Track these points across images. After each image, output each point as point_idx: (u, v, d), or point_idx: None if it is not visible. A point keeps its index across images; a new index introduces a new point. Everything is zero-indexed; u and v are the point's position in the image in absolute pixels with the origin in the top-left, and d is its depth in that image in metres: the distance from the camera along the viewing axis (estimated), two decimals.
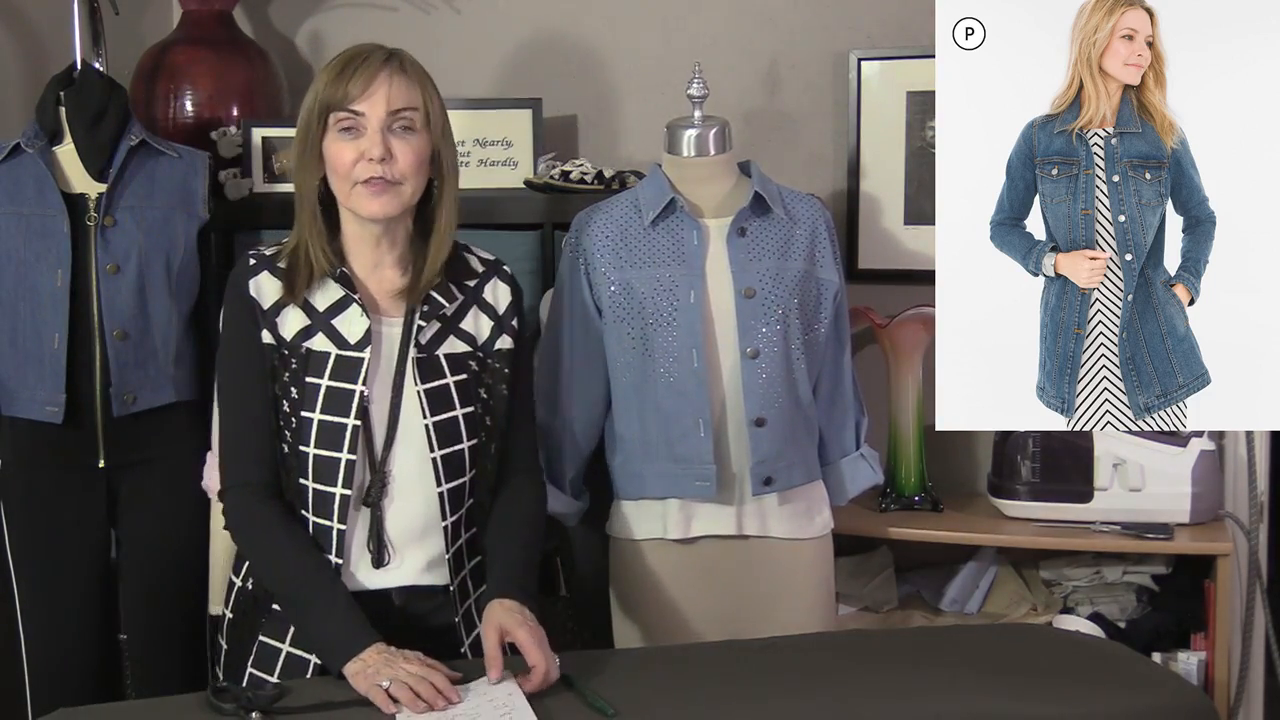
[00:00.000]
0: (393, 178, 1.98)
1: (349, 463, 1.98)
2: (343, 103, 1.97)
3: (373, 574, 2.01)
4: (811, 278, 2.47)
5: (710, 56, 2.93)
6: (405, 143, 1.99)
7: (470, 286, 2.11)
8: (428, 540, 2.04)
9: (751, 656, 2.04)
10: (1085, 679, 1.94)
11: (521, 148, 3.08)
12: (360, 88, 1.97)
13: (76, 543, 2.56)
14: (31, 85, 2.80)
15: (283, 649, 2.01)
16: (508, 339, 2.12)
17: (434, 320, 2.06)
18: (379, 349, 2.02)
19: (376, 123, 1.97)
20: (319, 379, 1.99)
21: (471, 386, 2.07)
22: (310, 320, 2.01)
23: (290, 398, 2.00)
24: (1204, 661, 2.77)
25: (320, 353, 2.00)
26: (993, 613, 3.00)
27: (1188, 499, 2.83)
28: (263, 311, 2.01)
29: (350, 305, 2.02)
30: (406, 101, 1.99)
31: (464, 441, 2.04)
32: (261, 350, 2.01)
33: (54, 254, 2.49)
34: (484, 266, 2.15)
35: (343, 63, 1.99)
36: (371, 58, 1.99)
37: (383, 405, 2.01)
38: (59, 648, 2.57)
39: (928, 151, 3.02)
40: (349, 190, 2.00)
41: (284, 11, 3.39)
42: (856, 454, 2.60)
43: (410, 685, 1.80)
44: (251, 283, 2.03)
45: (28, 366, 2.50)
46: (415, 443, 2.01)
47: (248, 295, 2.02)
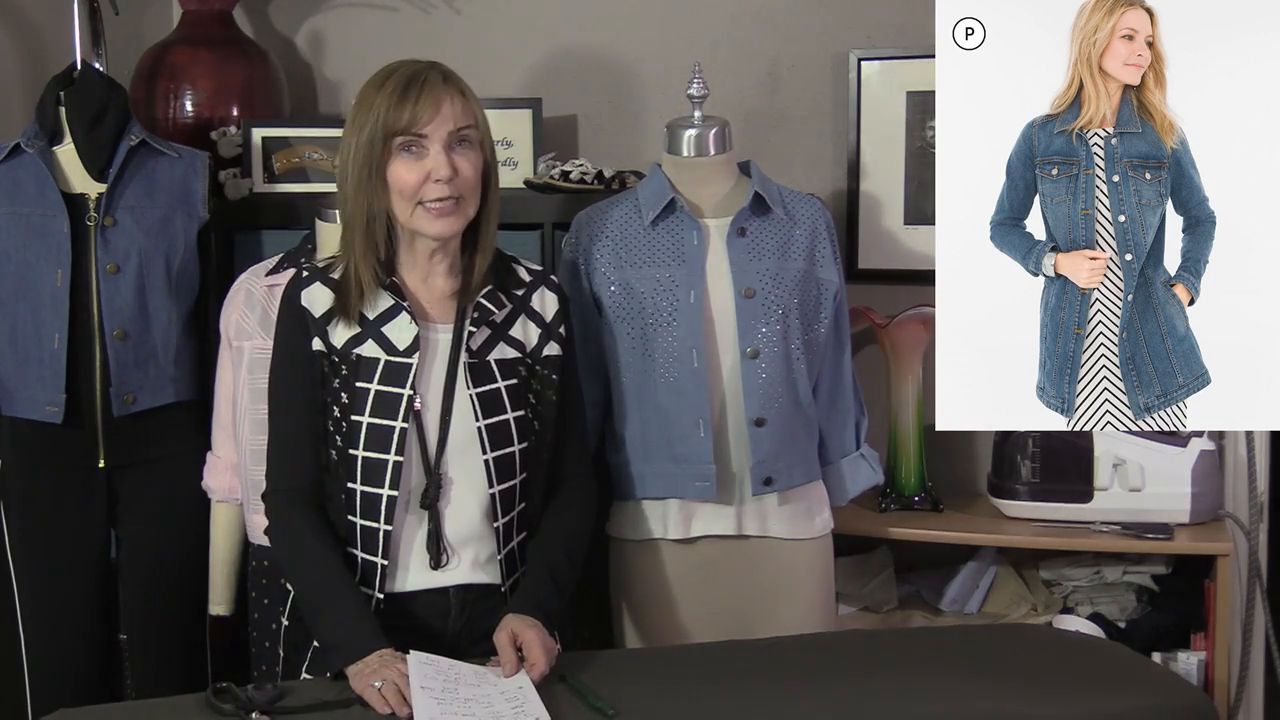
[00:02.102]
0: (458, 194, 2.02)
1: (396, 464, 2.01)
2: (409, 127, 2.00)
3: (430, 574, 2.05)
4: (811, 278, 2.47)
5: (710, 56, 2.94)
6: (466, 159, 2.03)
7: (519, 295, 2.16)
8: (482, 541, 2.08)
9: (751, 656, 2.04)
10: (1085, 679, 1.94)
11: (521, 148, 3.08)
12: (426, 110, 2.00)
13: (76, 543, 2.56)
14: (31, 85, 2.80)
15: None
16: (555, 346, 2.17)
17: (484, 326, 2.10)
18: (429, 354, 2.06)
19: (440, 143, 2.01)
20: (369, 383, 2.03)
21: (521, 391, 2.11)
22: (361, 328, 2.05)
23: (341, 403, 2.03)
24: (1204, 661, 2.77)
25: (370, 359, 2.04)
26: (993, 613, 3.00)
27: (1188, 499, 2.83)
28: (314, 320, 2.05)
29: (400, 313, 2.06)
30: (467, 120, 2.03)
31: (515, 444, 2.08)
32: (310, 358, 2.04)
33: (54, 254, 2.49)
34: (531, 276, 2.20)
35: (402, 85, 2.01)
36: (430, 78, 2.02)
37: (434, 409, 2.05)
38: (59, 648, 2.57)
39: (928, 151, 3.02)
40: (411, 210, 2.03)
41: (284, 11, 3.38)
42: (856, 454, 2.60)
43: (401, 688, 1.82)
44: (304, 293, 2.07)
45: (28, 366, 2.50)
46: (469, 445, 2.05)
47: (299, 305, 2.06)
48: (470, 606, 2.07)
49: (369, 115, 2.01)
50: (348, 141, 2.04)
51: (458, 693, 1.81)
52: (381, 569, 2.03)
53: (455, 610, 2.06)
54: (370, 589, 2.03)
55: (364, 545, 2.04)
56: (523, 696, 1.80)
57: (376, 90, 2.02)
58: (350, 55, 3.35)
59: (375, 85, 2.03)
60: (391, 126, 2.00)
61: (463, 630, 2.06)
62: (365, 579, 2.03)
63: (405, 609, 2.03)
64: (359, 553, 2.04)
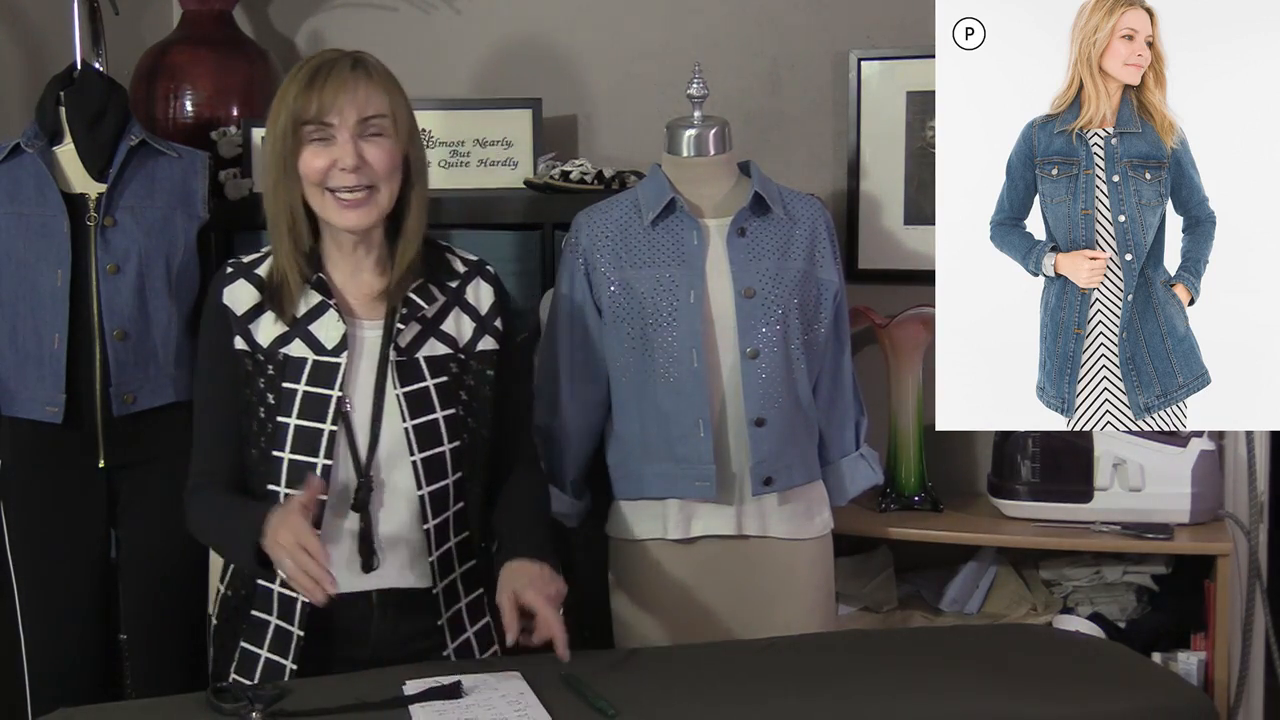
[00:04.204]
0: (367, 183, 1.97)
1: (325, 468, 1.97)
2: (317, 115, 1.96)
3: (357, 577, 2.01)
4: (811, 278, 2.47)
5: (710, 56, 2.93)
6: (377, 148, 1.98)
7: (452, 288, 2.10)
8: (412, 543, 2.03)
9: (751, 656, 2.04)
10: (1085, 679, 1.94)
11: (521, 148, 3.08)
12: (330, 97, 1.95)
13: (76, 543, 2.56)
14: (31, 85, 2.80)
15: (261, 655, 2.02)
16: (491, 340, 2.11)
17: (413, 322, 2.05)
18: (357, 353, 2.02)
19: (348, 131, 1.96)
20: (295, 384, 1.99)
21: (452, 388, 2.06)
22: (287, 327, 2.01)
23: (266, 403, 1.99)
24: (1204, 661, 2.77)
25: (297, 358, 2.00)
26: (993, 613, 3.00)
27: (1188, 499, 2.83)
28: (236, 318, 2.02)
29: (327, 311, 2.02)
30: (376, 108, 1.98)
31: (445, 444, 2.04)
32: (233, 357, 2.00)
33: (54, 254, 2.49)
34: (466, 267, 2.13)
35: (310, 74, 1.97)
36: (338, 66, 1.98)
37: (364, 410, 2.01)
38: (59, 648, 2.57)
39: (928, 151, 3.02)
40: (323, 200, 1.99)
41: (284, 11, 3.39)
42: (856, 454, 2.60)
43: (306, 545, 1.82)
44: (226, 290, 2.03)
45: (28, 366, 2.50)
46: (398, 446, 2.01)
47: (221, 303, 2.03)
48: (394, 610, 2.03)
49: (280, 106, 1.98)
50: (265, 136, 2.01)
51: (460, 701, 1.81)
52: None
53: (378, 614, 2.02)
54: (296, 590, 1.97)
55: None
56: (524, 702, 1.80)
57: (289, 81, 1.99)
58: None
59: (289, 77, 2.00)
60: (299, 115, 1.96)
61: (387, 634, 2.02)
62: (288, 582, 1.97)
63: (328, 612, 1.97)
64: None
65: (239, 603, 2.06)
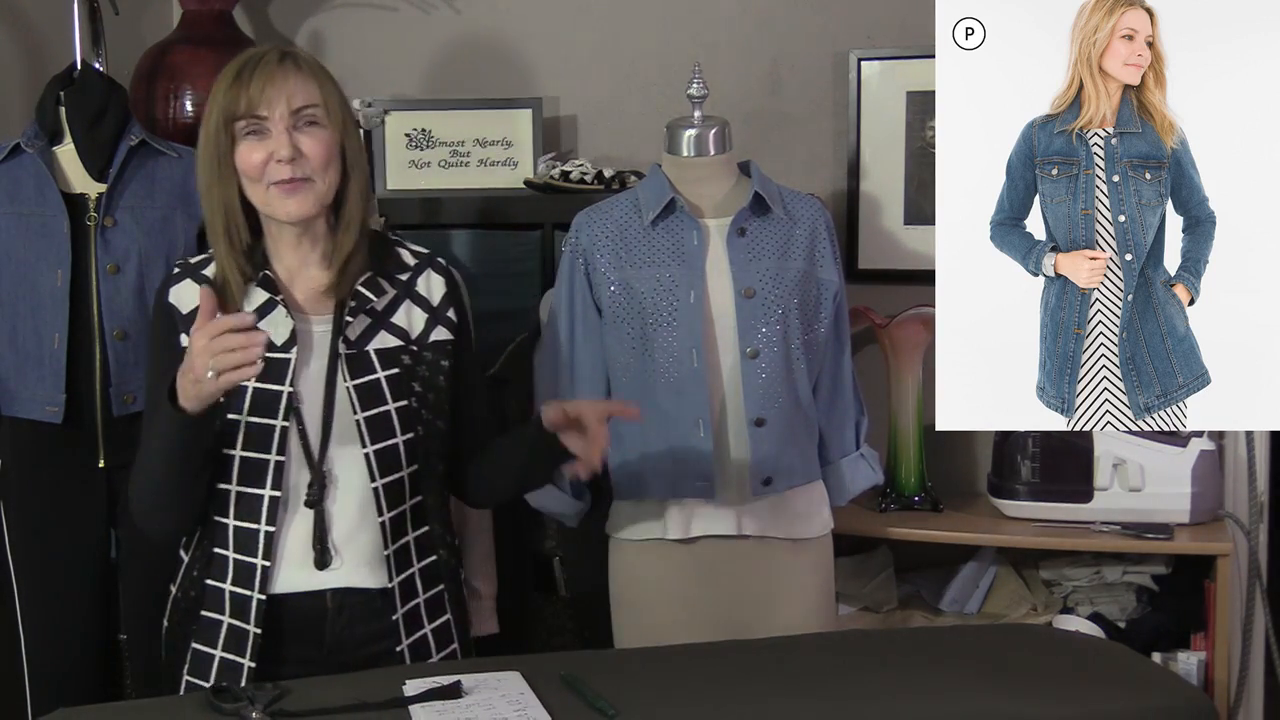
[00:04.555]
0: (304, 175, 1.96)
1: (278, 464, 1.97)
2: (248, 110, 1.95)
3: (312, 575, 2.00)
4: (811, 278, 2.47)
5: (710, 56, 2.94)
6: (312, 138, 1.97)
7: (402, 280, 2.09)
8: (366, 538, 2.02)
9: (751, 656, 2.04)
10: (1085, 679, 1.93)
11: (521, 148, 3.09)
12: (259, 90, 1.95)
13: (76, 543, 2.56)
14: (31, 85, 2.80)
15: (215, 654, 2.00)
16: (444, 330, 2.09)
17: (362, 315, 2.04)
18: (307, 349, 2.01)
19: (281, 123, 1.95)
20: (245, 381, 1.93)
21: (404, 380, 2.04)
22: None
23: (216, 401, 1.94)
24: (1204, 661, 2.77)
25: None
26: (993, 613, 3.00)
27: (1188, 499, 2.83)
28: (181, 317, 2.00)
29: (275, 308, 2.00)
30: (307, 98, 1.97)
31: (399, 435, 2.02)
32: (180, 356, 1.92)
33: (54, 254, 2.49)
34: (416, 259, 2.12)
35: (237, 69, 1.97)
36: (266, 59, 1.98)
37: (315, 405, 1.99)
38: (59, 648, 2.57)
39: (928, 151, 3.02)
40: (264, 194, 1.97)
41: (284, 11, 3.39)
42: (856, 454, 2.60)
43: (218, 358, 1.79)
44: (172, 290, 2.03)
45: (28, 366, 2.50)
46: (349, 440, 2.00)
47: (167, 303, 2.03)
48: (349, 610, 2.02)
49: (212, 105, 1.97)
50: (200, 136, 2.00)
51: (460, 701, 1.81)
52: (262, 570, 1.98)
53: (332, 613, 2.01)
54: (249, 590, 1.97)
55: (239, 546, 1.99)
56: (524, 701, 1.80)
57: (219, 81, 1.98)
58: (350, 55, 3.35)
59: (219, 76, 1.99)
60: (231, 111, 1.95)
61: (342, 632, 2.01)
62: (242, 580, 1.99)
63: (282, 610, 1.98)
64: (230, 553, 2.00)
65: (189, 604, 2.04)
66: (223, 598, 2.01)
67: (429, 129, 3.13)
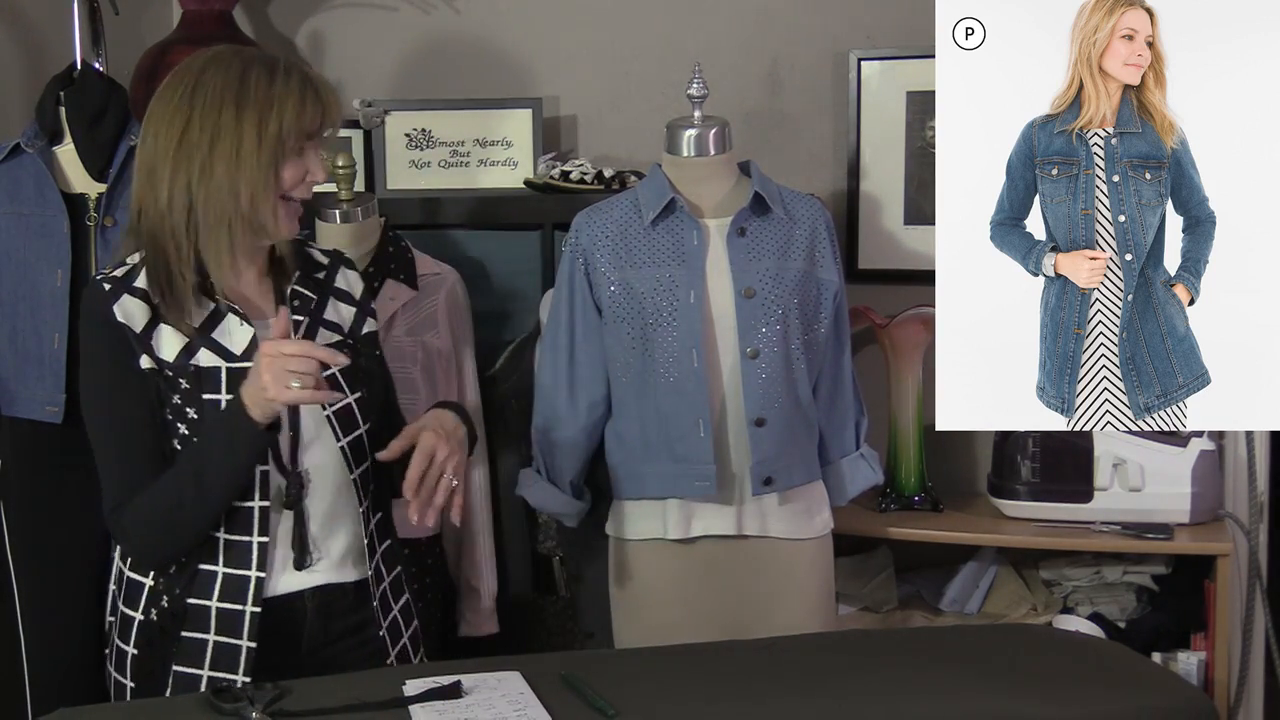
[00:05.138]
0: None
1: (263, 473, 1.95)
2: (320, 129, 1.96)
3: (291, 577, 1.99)
4: (811, 278, 2.47)
5: (710, 56, 2.94)
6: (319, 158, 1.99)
7: (321, 279, 2.09)
8: (347, 531, 2.03)
9: (751, 656, 2.04)
10: (1085, 679, 1.93)
11: (521, 148, 3.09)
12: (334, 113, 1.97)
13: (76, 542, 2.56)
14: (31, 85, 2.80)
15: (203, 674, 1.95)
16: (371, 322, 2.12)
17: (302, 314, 2.04)
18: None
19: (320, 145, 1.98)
20: (216, 394, 1.93)
21: (354, 372, 2.04)
22: (188, 337, 1.93)
23: (188, 419, 1.92)
24: (1204, 661, 2.77)
25: (210, 368, 1.93)
26: (993, 613, 3.00)
27: (1188, 499, 2.83)
28: (135, 336, 1.91)
29: (226, 316, 1.96)
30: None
31: (361, 425, 2.04)
32: (142, 377, 1.91)
33: (54, 254, 2.49)
34: (327, 258, 2.13)
35: (301, 84, 1.94)
36: (325, 82, 1.99)
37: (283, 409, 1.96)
38: (59, 647, 2.56)
39: (928, 151, 3.02)
40: (283, 208, 1.95)
41: (284, 11, 3.39)
42: (856, 454, 2.60)
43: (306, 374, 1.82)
44: (116, 308, 1.91)
45: (28, 366, 2.50)
46: (321, 436, 2.00)
47: (115, 321, 1.91)
48: (328, 607, 2.02)
49: (269, 109, 1.91)
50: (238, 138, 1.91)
51: (460, 701, 1.81)
52: (256, 581, 1.95)
53: (311, 613, 2.01)
54: (239, 604, 1.94)
55: (230, 560, 1.95)
56: (525, 701, 1.80)
57: (271, 83, 1.92)
58: (350, 55, 3.36)
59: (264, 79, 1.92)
60: (306, 128, 1.93)
61: (318, 631, 2.01)
62: (231, 594, 1.94)
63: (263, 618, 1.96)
64: (219, 568, 1.95)
65: (166, 623, 1.97)
66: (208, 615, 1.96)
67: (429, 129, 3.13)
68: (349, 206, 2.68)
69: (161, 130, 1.93)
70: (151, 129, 1.95)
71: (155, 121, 1.95)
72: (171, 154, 1.92)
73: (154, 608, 1.98)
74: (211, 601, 1.96)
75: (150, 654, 1.99)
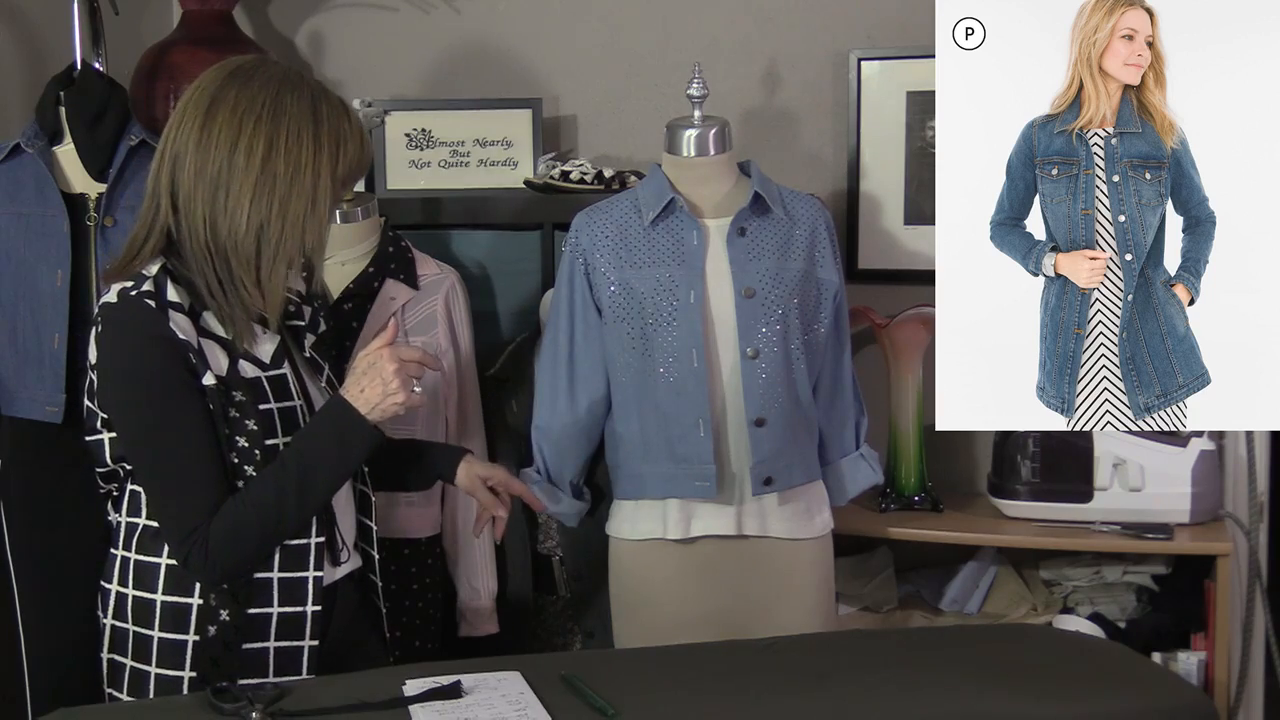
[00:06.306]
0: None
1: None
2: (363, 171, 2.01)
3: (331, 572, 2.01)
4: (811, 278, 2.47)
5: (710, 56, 2.94)
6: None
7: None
8: (351, 522, 2.07)
9: (751, 656, 2.04)
10: (1085, 679, 1.94)
11: (521, 148, 3.09)
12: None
13: (76, 543, 2.56)
14: (31, 85, 2.80)
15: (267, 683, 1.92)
16: (324, 321, 2.13)
17: (301, 319, 2.06)
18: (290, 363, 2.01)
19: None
20: (268, 404, 1.93)
21: (337, 369, 2.11)
22: (226, 350, 1.92)
23: (247, 430, 1.90)
24: (1204, 661, 2.77)
25: (251, 379, 1.92)
26: (993, 613, 3.00)
27: (1188, 499, 2.83)
28: (195, 352, 1.88)
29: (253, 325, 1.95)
30: None
31: None
32: (203, 394, 1.88)
33: (54, 254, 2.49)
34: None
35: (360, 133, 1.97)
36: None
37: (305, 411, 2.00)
38: (59, 647, 2.56)
39: (928, 151, 3.02)
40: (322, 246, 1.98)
41: (284, 11, 3.39)
42: (856, 454, 2.60)
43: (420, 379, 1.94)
44: (172, 325, 1.87)
45: (28, 366, 2.50)
46: None
47: (178, 339, 1.86)
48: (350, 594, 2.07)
49: (339, 151, 1.92)
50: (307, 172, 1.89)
51: (460, 701, 1.82)
52: (315, 580, 1.96)
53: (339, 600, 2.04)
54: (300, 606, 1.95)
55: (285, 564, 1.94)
56: (525, 701, 1.80)
57: (339, 121, 1.93)
58: (350, 55, 3.36)
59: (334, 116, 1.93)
60: (362, 171, 2.00)
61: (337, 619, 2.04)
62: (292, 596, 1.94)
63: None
64: (274, 574, 1.94)
65: (230, 638, 1.94)
66: (269, 623, 1.95)
67: (429, 129, 3.12)
68: (349, 206, 2.67)
69: (240, 146, 1.87)
70: (223, 138, 1.88)
71: (226, 131, 1.88)
72: (254, 179, 1.87)
73: (211, 625, 1.93)
74: (273, 608, 1.95)
75: (215, 672, 1.93)
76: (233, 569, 1.91)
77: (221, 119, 1.89)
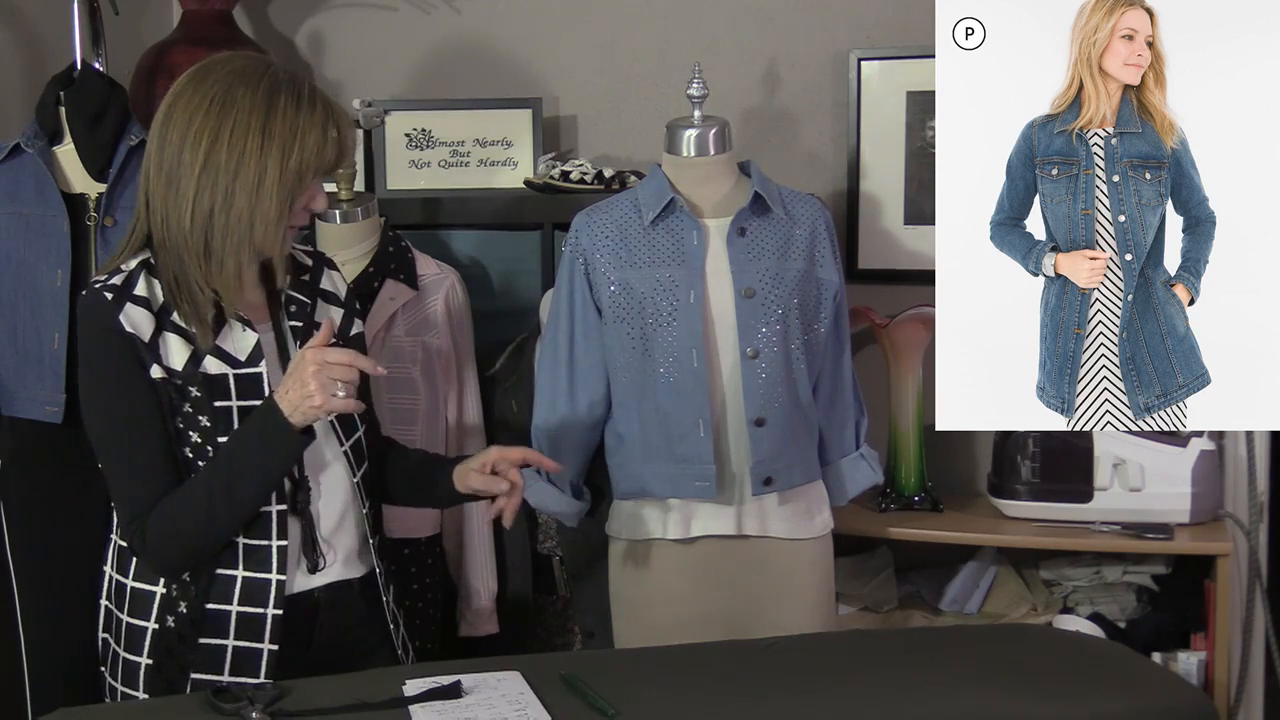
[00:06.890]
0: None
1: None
2: (335, 167, 1.96)
3: (305, 577, 1.99)
4: (811, 278, 2.47)
5: (710, 56, 2.94)
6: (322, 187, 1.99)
7: (307, 281, 2.08)
8: (352, 533, 2.04)
9: (751, 656, 2.04)
10: (1085, 679, 1.94)
11: (521, 148, 3.09)
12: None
13: (76, 543, 2.56)
14: (31, 85, 2.80)
15: (223, 680, 1.94)
16: (359, 323, 2.11)
17: (300, 320, 2.03)
18: (271, 361, 1.97)
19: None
20: (227, 401, 1.91)
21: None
22: (192, 345, 1.91)
23: (200, 426, 1.90)
24: (1204, 661, 2.77)
25: (217, 375, 1.91)
26: (993, 613, 3.00)
27: (1188, 499, 2.83)
28: (144, 345, 1.88)
29: (229, 322, 1.94)
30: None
31: (359, 428, 2.05)
32: (152, 387, 1.88)
33: (54, 254, 2.49)
34: (311, 259, 2.11)
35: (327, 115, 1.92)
36: (344, 113, 1.97)
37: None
38: (59, 647, 2.57)
39: (928, 151, 3.02)
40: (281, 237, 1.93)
41: (284, 11, 3.39)
42: (856, 454, 2.60)
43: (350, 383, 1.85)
44: (122, 318, 1.87)
45: (28, 366, 2.50)
46: (325, 440, 1.99)
47: (123, 331, 1.87)
48: (338, 603, 2.03)
49: (293, 143, 1.88)
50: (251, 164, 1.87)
51: (460, 701, 1.82)
52: (277, 584, 1.94)
53: (324, 609, 2.01)
54: (260, 608, 1.94)
55: (249, 564, 1.94)
56: (525, 700, 1.80)
57: (297, 113, 1.89)
58: (350, 55, 3.36)
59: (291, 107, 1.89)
60: (325, 165, 1.92)
61: (330, 626, 2.02)
62: (253, 597, 1.93)
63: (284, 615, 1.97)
64: (239, 572, 1.93)
65: (185, 630, 1.94)
66: (227, 620, 1.94)
67: (429, 129, 3.13)
68: (349, 206, 2.68)
69: (188, 141, 1.88)
70: (175, 134, 1.89)
71: (179, 127, 1.89)
72: (197, 172, 1.87)
73: (170, 615, 1.95)
74: (232, 606, 1.94)
75: (169, 662, 1.96)
76: (172, 562, 1.93)
77: (177, 115, 1.90)
